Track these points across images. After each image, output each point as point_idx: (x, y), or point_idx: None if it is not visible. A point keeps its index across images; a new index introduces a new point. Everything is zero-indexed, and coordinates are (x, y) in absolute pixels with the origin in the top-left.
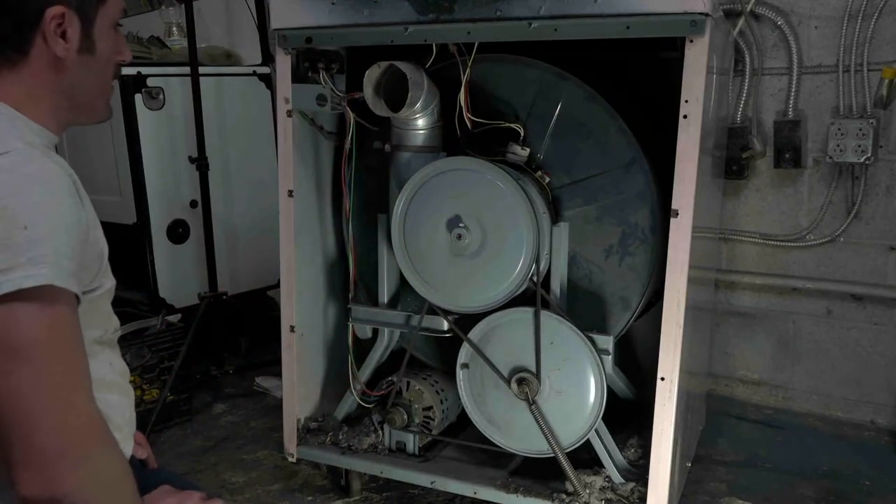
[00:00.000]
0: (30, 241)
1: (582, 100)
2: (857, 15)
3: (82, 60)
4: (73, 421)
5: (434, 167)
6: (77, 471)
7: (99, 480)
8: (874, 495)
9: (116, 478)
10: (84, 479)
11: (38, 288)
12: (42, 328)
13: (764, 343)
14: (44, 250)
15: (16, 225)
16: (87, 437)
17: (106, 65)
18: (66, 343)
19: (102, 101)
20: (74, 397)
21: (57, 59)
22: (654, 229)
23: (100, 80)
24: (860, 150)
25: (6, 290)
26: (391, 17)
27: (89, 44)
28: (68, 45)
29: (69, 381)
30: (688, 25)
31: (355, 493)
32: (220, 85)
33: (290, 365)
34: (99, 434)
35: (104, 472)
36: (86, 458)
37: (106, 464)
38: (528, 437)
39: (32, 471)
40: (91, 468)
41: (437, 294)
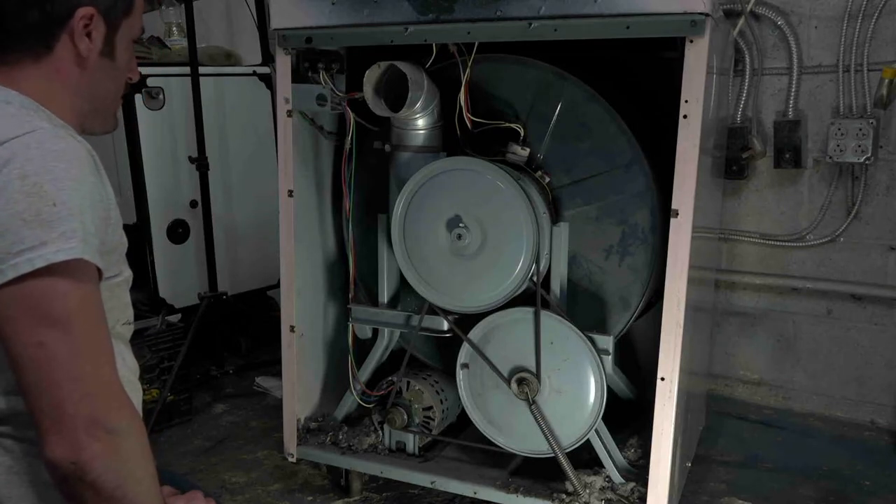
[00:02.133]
0: (60, 217)
1: (582, 100)
2: (857, 15)
3: (102, 64)
4: (102, 391)
5: (434, 167)
6: (102, 439)
7: (122, 452)
8: (874, 495)
9: (138, 453)
10: (108, 448)
11: (70, 262)
12: (74, 300)
13: (764, 343)
14: (73, 225)
15: (45, 202)
16: (115, 408)
17: (122, 74)
18: (96, 316)
19: (113, 109)
20: (103, 370)
21: (80, 57)
22: (654, 229)
23: (115, 88)
24: (860, 150)
25: (40, 265)
26: (391, 17)
27: (110, 49)
28: (92, 45)
29: (98, 352)
30: (688, 25)
31: (355, 493)
32: (220, 85)
33: (290, 365)
34: (126, 408)
35: (127, 445)
36: (112, 429)
37: (130, 438)
38: (528, 437)
39: (60, 435)
40: (117, 440)
41: (437, 294)
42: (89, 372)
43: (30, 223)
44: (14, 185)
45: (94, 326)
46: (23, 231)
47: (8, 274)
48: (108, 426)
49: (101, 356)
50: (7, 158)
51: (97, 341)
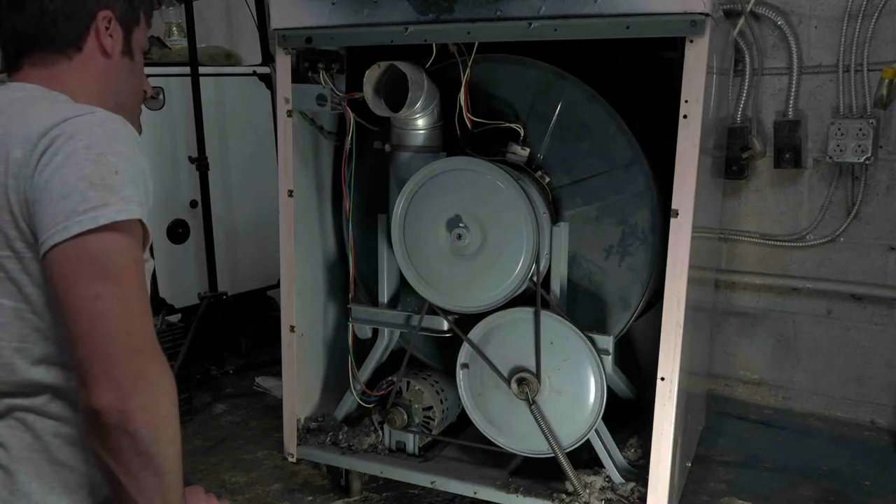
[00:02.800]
0: (122, 183)
1: (582, 100)
2: (857, 15)
3: (124, 62)
4: (148, 347)
5: (434, 167)
6: (146, 392)
7: (161, 408)
8: (874, 495)
9: (173, 413)
10: (150, 401)
11: (129, 221)
12: (130, 258)
13: (764, 343)
14: (132, 191)
15: (109, 169)
16: (158, 364)
17: (141, 77)
18: (142, 278)
19: (138, 107)
20: (148, 328)
21: (105, 52)
22: (654, 229)
23: (136, 89)
24: (860, 150)
25: (103, 222)
26: (391, 17)
27: (129, 50)
28: (115, 42)
29: (145, 311)
30: (688, 25)
31: (355, 493)
32: (220, 85)
33: (290, 365)
34: (166, 366)
35: (166, 402)
36: (154, 384)
37: (169, 396)
38: (528, 437)
39: (110, 383)
40: (158, 396)
41: (437, 294)
42: (138, 327)
43: (95, 186)
44: (81, 154)
45: (142, 286)
46: (89, 192)
47: (73, 229)
48: (151, 381)
49: (147, 315)
50: (72, 132)
51: (144, 300)
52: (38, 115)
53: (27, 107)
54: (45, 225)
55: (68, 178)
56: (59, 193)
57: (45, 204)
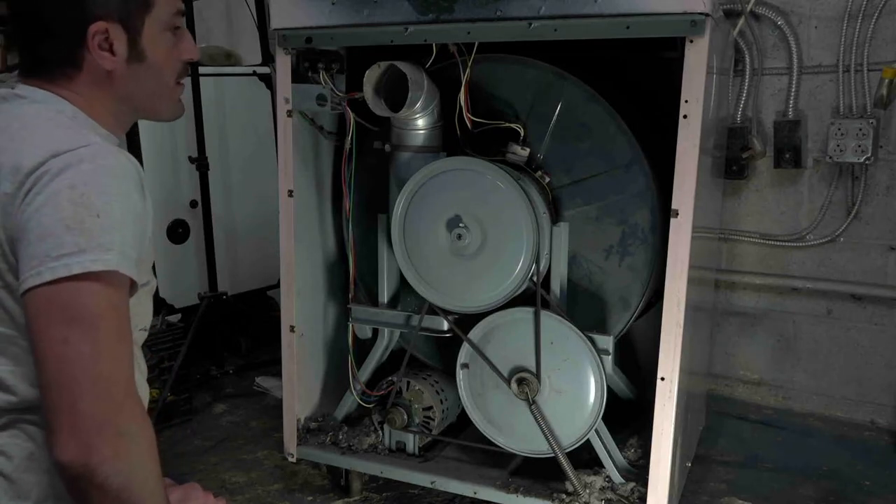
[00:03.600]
0: (102, 228)
1: (582, 100)
2: (857, 15)
3: (133, 69)
4: (117, 395)
5: (434, 167)
6: (113, 442)
7: (131, 456)
8: (874, 495)
9: (146, 456)
10: (119, 451)
11: (103, 272)
12: (102, 307)
13: (764, 343)
14: (112, 238)
15: (90, 212)
16: (127, 412)
17: (161, 68)
18: (121, 324)
19: (164, 102)
20: (120, 374)
21: (107, 71)
22: (654, 229)
23: (156, 84)
24: (860, 150)
25: (77, 271)
26: (391, 17)
27: (138, 53)
28: (115, 57)
29: (118, 358)
30: (688, 25)
31: (355, 493)
32: (220, 85)
33: (290, 365)
34: (138, 412)
35: (137, 449)
36: (123, 433)
37: (139, 441)
38: (528, 437)
39: (72, 436)
40: (126, 443)
41: (437, 294)
42: (107, 374)
43: (72, 230)
44: (63, 194)
45: (117, 333)
46: (65, 237)
47: (45, 276)
48: (119, 429)
49: (121, 362)
50: (61, 168)
51: (119, 347)
52: (32, 146)
53: (25, 132)
54: (22, 266)
55: (46, 219)
56: (35, 235)
57: (24, 245)
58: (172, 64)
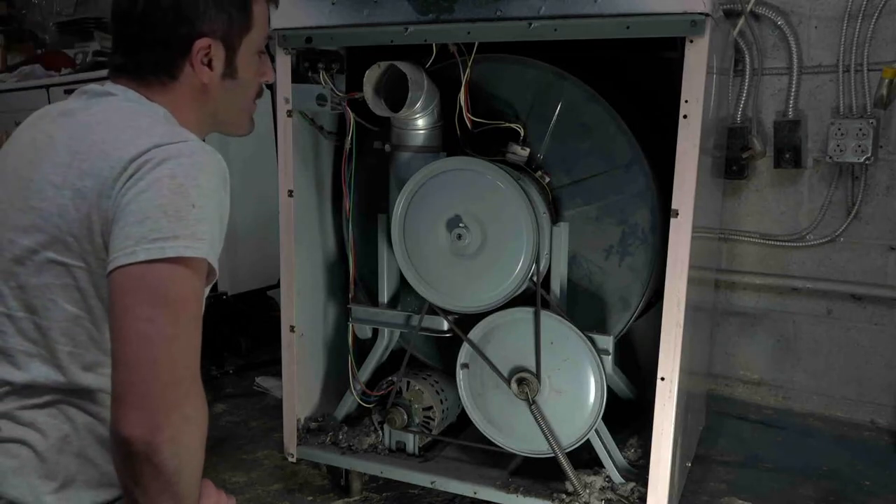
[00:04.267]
0: (197, 219)
1: (582, 100)
2: (857, 15)
3: (225, 85)
4: (188, 379)
5: (434, 167)
6: (178, 425)
7: (188, 440)
8: (874, 495)
9: (200, 444)
10: (181, 434)
11: (194, 259)
12: (190, 291)
13: (764, 343)
14: (205, 229)
15: (187, 202)
16: (194, 398)
17: (248, 87)
18: (199, 312)
19: (244, 117)
20: (193, 360)
21: (203, 84)
22: (654, 229)
23: (241, 101)
24: (860, 150)
25: (171, 255)
26: (391, 17)
27: (232, 70)
28: (213, 72)
29: (194, 344)
30: (688, 25)
31: (355, 493)
32: None
33: (290, 365)
34: (202, 398)
35: (197, 435)
36: (188, 417)
37: (199, 428)
38: (528, 437)
39: (142, 413)
40: (189, 428)
41: (437, 294)
42: (183, 358)
43: (170, 216)
44: (163, 182)
45: (196, 320)
46: (162, 221)
47: (139, 255)
48: (185, 413)
49: (196, 348)
50: (163, 158)
51: (196, 334)
52: (133, 136)
53: (125, 123)
54: (115, 245)
55: (146, 203)
56: (134, 217)
57: (121, 225)
58: (255, 84)
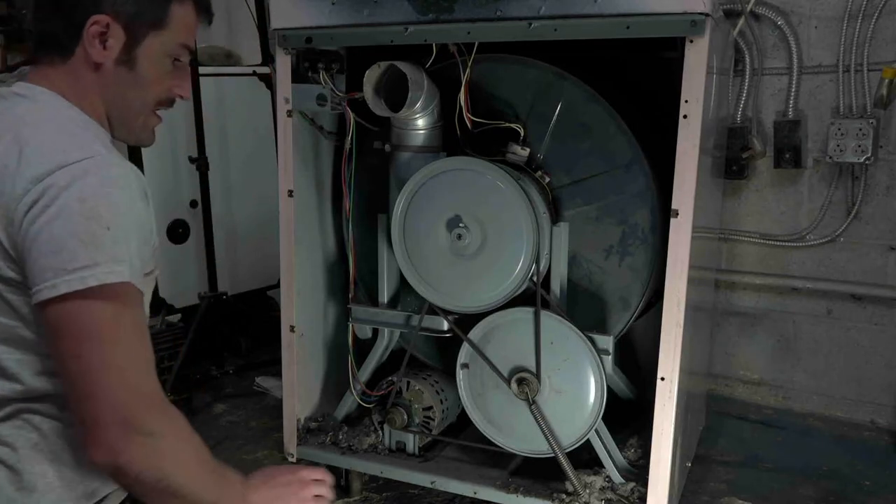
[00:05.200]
0: (113, 241)
1: (582, 100)
2: (857, 15)
3: (119, 72)
4: (136, 400)
5: (434, 167)
6: (137, 444)
7: (160, 452)
8: (874, 495)
9: (178, 449)
10: (145, 451)
11: (116, 284)
12: (112, 318)
13: (764, 343)
14: (123, 250)
15: (101, 225)
16: (150, 413)
17: (147, 87)
18: (133, 332)
19: (139, 122)
20: (135, 379)
21: (95, 63)
22: (654, 229)
23: (135, 97)
24: (860, 150)
25: (92, 283)
26: (391, 17)
27: (129, 59)
28: (106, 52)
29: (131, 364)
30: (688, 25)
31: (355, 493)
32: (220, 85)
33: (290, 365)
34: (161, 411)
35: (165, 445)
36: (146, 433)
37: (167, 437)
38: (528, 437)
39: (98, 444)
40: (151, 442)
41: (437, 294)
42: (120, 383)
43: (86, 244)
44: (73, 207)
45: (129, 342)
46: (78, 250)
47: (61, 288)
48: (141, 431)
49: (135, 366)
50: (68, 182)
51: (131, 354)
52: (40, 153)
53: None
54: (35, 278)
55: (59, 231)
56: (49, 248)
57: (35, 256)
58: (159, 89)
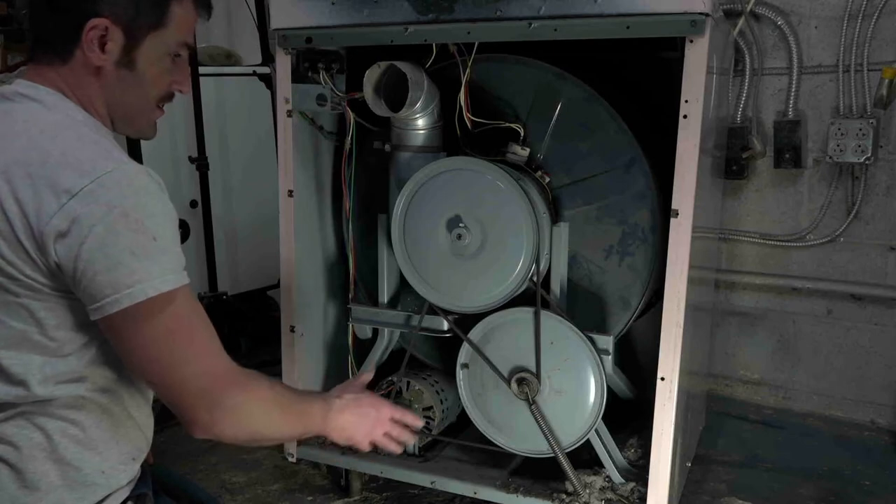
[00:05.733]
0: (162, 251)
1: (582, 100)
2: (857, 15)
3: (120, 74)
4: (211, 383)
5: (434, 167)
6: (226, 415)
7: (246, 416)
8: (874, 495)
9: (263, 409)
10: (233, 419)
11: (172, 290)
12: (175, 319)
13: (764, 343)
14: (171, 256)
15: (147, 237)
16: (227, 390)
17: (149, 86)
18: (196, 324)
19: (143, 119)
20: (208, 365)
21: (95, 67)
22: (654, 229)
23: (137, 97)
24: (860, 150)
25: (151, 294)
26: (391, 17)
27: (129, 61)
28: (105, 56)
29: (201, 353)
30: (688, 25)
31: (355, 493)
32: (220, 85)
33: (290, 365)
34: (236, 384)
35: (249, 409)
36: (229, 406)
37: (249, 403)
38: (528, 437)
39: (193, 424)
40: (236, 411)
41: (437, 294)
42: (198, 372)
43: (138, 257)
44: (120, 223)
45: (194, 332)
46: (134, 265)
47: (123, 302)
48: (226, 406)
49: (206, 354)
50: (107, 199)
51: (200, 343)
52: (62, 162)
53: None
54: (94, 294)
55: (112, 250)
56: (103, 265)
57: (91, 275)
58: (160, 86)
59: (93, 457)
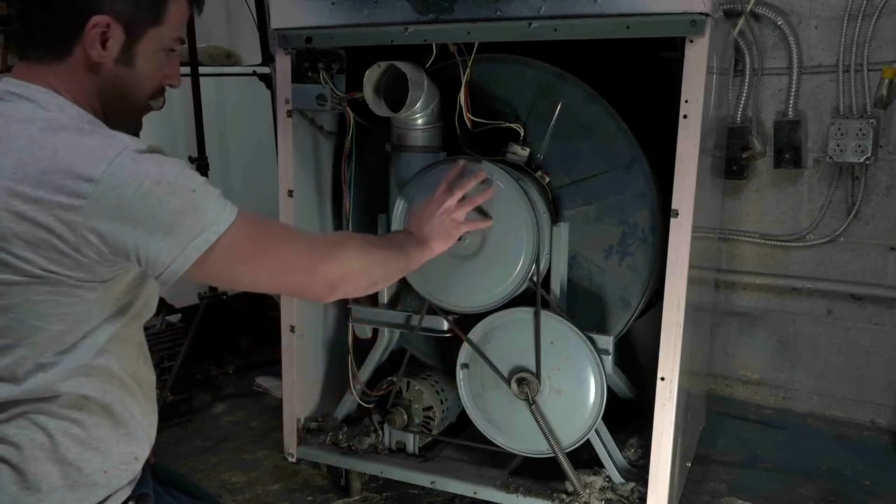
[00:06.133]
0: (205, 195)
1: (582, 100)
2: (857, 15)
3: (119, 70)
4: (311, 271)
5: (434, 167)
6: (336, 287)
7: (356, 277)
8: (874, 495)
9: (367, 263)
10: (344, 287)
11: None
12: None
13: (764, 343)
14: (214, 199)
15: (187, 192)
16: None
17: (145, 81)
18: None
19: (134, 113)
20: (299, 258)
21: (93, 62)
22: (654, 229)
23: (131, 93)
24: (860, 150)
25: (213, 239)
26: (391, 17)
27: (128, 58)
28: (106, 53)
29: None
30: (688, 25)
31: (355, 493)
32: (220, 85)
33: (290, 365)
34: (330, 259)
35: (349, 266)
36: (335, 279)
37: (347, 262)
38: (528, 437)
39: (316, 300)
40: (343, 279)
41: (437, 294)
42: (293, 269)
43: (187, 213)
44: (156, 193)
45: (269, 238)
46: (188, 220)
47: (193, 256)
48: (334, 279)
49: (292, 250)
50: (132, 174)
51: (281, 245)
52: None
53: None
54: (162, 259)
55: (162, 218)
56: (161, 233)
57: (153, 244)
58: (154, 82)
59: (95, 457)
